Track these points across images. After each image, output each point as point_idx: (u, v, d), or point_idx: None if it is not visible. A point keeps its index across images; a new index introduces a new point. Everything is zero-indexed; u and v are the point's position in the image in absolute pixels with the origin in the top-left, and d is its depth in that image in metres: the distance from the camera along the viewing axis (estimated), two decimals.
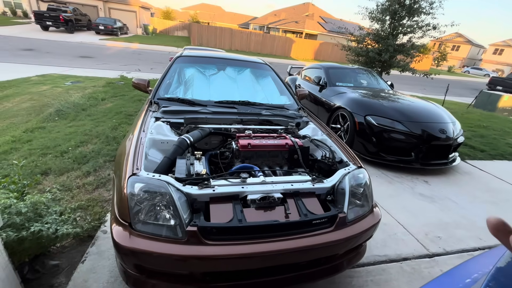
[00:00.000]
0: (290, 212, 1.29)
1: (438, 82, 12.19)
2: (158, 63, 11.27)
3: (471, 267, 0.96)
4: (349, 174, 1.51)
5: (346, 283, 1.70)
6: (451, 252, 2.12)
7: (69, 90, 5.67)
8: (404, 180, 3.22)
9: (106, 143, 3.25)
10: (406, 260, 1.97)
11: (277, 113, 2.19)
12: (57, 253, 1.59)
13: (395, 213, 2.51)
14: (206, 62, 2.81)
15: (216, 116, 2.00)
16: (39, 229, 1.15)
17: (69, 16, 18.26)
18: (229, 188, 1.30)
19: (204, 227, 1.15)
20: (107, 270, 1.55)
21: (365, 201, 1.51)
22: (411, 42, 7.36)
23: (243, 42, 22.49)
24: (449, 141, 3.40)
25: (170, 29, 29.09)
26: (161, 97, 2.22)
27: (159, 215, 1.18)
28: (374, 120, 3.44)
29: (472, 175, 3.60)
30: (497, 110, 8.68)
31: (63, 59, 9.78)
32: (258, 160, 1.66)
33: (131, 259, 1.16)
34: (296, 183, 1.42)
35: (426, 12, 6.88)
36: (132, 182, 1.21)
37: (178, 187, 1.23)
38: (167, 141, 1.65)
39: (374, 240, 2.07)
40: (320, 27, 31.13)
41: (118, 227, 1.16)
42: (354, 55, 7.87)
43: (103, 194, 2.30)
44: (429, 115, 3.61)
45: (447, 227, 2.42)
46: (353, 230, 1.37)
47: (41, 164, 2.65)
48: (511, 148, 4.84)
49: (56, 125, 3.74)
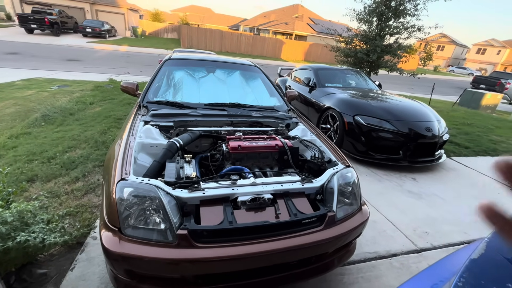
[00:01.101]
0: (280, 213, 1.31)
1: (425, 82, 12.51)
2: (148, 66, 11.14)
3: (455, 260, 1.00)
4: (337, 174, 1.54)
5: (337, 280, 1.73)
6: (438, 246, 2.18)
7: (56, 95, 5.55)
8: (392, 177, 3.29)
9: (95, 147, 3.20)
10: (395, 256, 2.02)
11: (267, 115, 2.21)
12: (44, 261, 1.56)
13: (384, 210, 2.56)
14: (195, 64, 2.80)
15: (206, 119, 2.00)
16: (26, 239, 1.13)
17: (55, 19, 17.85)
18: (220, 190, 1.31)
19: (194, 230, 1.15)
20: (97, 277, 1.53)
21: (354, 199, 1.55)
22: (397, 43, 7.54)
23: (233, 44, 22.49)
24: (435, 139, 3.50)
25: (159, 31, 28.82)
26: (150, 100, 2.21)
27: (149, 219, 1.18)
28: (363, 119, 3.51)
29: (457, 171, 3.71)
30: (480, 108, 8.97)
31: (49, 62, 9.55)
32: (248, 162, 1.67)
33: (121, 265, 1.15)
34: (286, 183, 1.44)
35: (411, 14, 7.07)
36: (121, 186, 1.20)
37: (168, 191, 1.23)
38: (156, 144, 1.64)
39: (364, 238, 2.12)
40: (310, 28, 31.47)
41: (107, 233, 1.16)
42: (343, 56, 7.99)
43: (93, 199, 2.26)
44: (415, 114, 3.70)
45: (434, 223, 2.49)
46: (342, 228, 1.40)
47: (27, 170, 2.58)
48: (494, 144, 5.02)
49: (42, 131, 3.65)
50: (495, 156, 4.49)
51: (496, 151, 4.67)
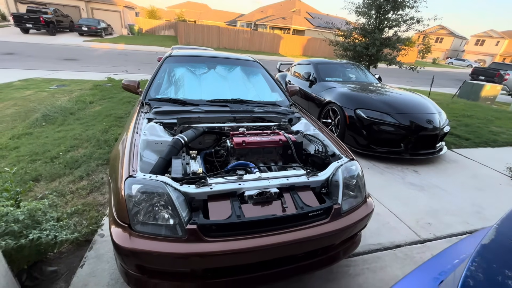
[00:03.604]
0: (287, 206, 1.32)
1: (424, 74, 12.49)
2: (146, 64, 11.08)
3: (459, 249, 1.02)
4: (342, 167, 1.55)
5: (344, 272, 1.76)
6: (441, 237, 2.21)
7: (55, 94, 5.53)
8: (394, 170, 3.31)
9: (98, 146, 3.20)
10: (399, 247, 2.04)
11: (270, 110, 2.22)
12: (54, 259, 1.58)
13: (387, 203, 2.58)
14: (196, 61, 2.80)
15: (209, 115, 2.01)
16: (38, 236, 1.15)
17: (50, 18, 17.65)
18: (227, 185, 1.32)
19: (203, 224, 1.17)
20: (107, 273, 1.55)
21: (358, 192, 1.56)
22: (396, 35, 7.51)
23: (231, 40, 22.34)
24: (436, 131, 3.51)
25: (156, 28, 28.56)
26: (152, 98, 2.20)
27: (157, 215, 1.19)
28: (364, 113, 3.52)
29: (458, 163, 3.74)
30: (480, 99, 8.98)
31: (46, 62, 9.49)
32: (253, 157, 1.68)
33: (132, 260, 1.17)
34: (291, 177, 1.45)
35: (409, 6, 7.03)
36: (129, 183, 1.22)
37: (176, 187, 1.24)
38: (161, 141, 1.65)
39: (369, 230, 2.14)
40: (307, 22, 31.25)
41: (117, 229, 1.17)
42: (342, 49, 7.97)
43: (98, 198, 2.28)
44: (416, 107, 3.71)
45: (437, 214, 2.51)
46: (348, 220, 1.42)
47: (31, 170, 2.59)
48: (494, 135, 5.04)
49: (43, 131, 3.65)
50: (496, 147, 4.52)
51: (496, 142, 4.70)
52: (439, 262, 0.95)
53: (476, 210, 2.65)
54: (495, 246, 0.60)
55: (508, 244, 0.61)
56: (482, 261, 0.55)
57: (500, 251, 0.60)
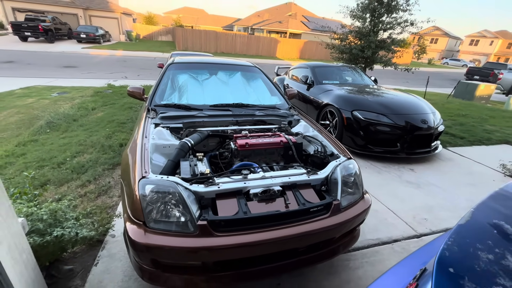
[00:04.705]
0: (289, 202, 1.42)
1: (420, 75, 12.68)
2: (145, 70, 11.21)
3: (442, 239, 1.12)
4: (340, 165, 1.65)
5: (344, 265, 1.85)
6: (436, 231, 2.30)
7: (57, 101, 5.62)
8: (391, 169, 3.42)
9: (103, 152, 3.29)
10: (397, 242, 2.14)
11: (270, 113, 2.32)
12: (69, 258, 1.66)
13: (384, 200, 2.68)
14: (197, 67, 2.90)
15: (213, 119, 2.11)
16: (62, 233, 1.23)
17: (49, 26, 17.81)
18: (233, 184, 1.42)
19: (213, 220, 1.26)
20: (120, 270, 1.63)
21: (356, 188, 1.66)
22: (391, 38, 7.67)
23: (229, 44, 22.55)
24: (431, 130, 3.63)
25: (153, 34, 28.79)
26: (157, 103, 2.30)
27: (170, 212, 1.28)
28: (361, 114, 3.63)
29: (453, 161, 3.85)
30: (475, 99, 9.15)
31: (46, 70, 9.59)
32: (255, 158, 1.78)
33: (147, 255, 1.26)
34: (293, 176, 1.55)
35: (403, 9, 7.20)
36: (143, 184, 1.31)
37: (186, 186, 1.34)
38: (169, 145, 1.75)
39: (367, 226, 2.23)
40: (304, 26, 31.59)
41: (132, 226, 1.26)
42: (338, 52, 8.11)
43: (106, 201, 2.36)
44: (411, 107, 3.83)
45: (432, 210, 2.61)
46: (347, 215, 1.51)
47: (39, 176, 2.67)
48: (488, 134, 5.16)
49: (48, 137, 3.73)
50: (490, 145, 4.64)
51: (490, 140, 4.82)
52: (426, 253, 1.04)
53: (471, 205, 2.69)
54: (470, 225, 0.70)
55: (482, 224, 0.70)
56: (458, 237, 0.64)
57: (473, 229, 0.69)
